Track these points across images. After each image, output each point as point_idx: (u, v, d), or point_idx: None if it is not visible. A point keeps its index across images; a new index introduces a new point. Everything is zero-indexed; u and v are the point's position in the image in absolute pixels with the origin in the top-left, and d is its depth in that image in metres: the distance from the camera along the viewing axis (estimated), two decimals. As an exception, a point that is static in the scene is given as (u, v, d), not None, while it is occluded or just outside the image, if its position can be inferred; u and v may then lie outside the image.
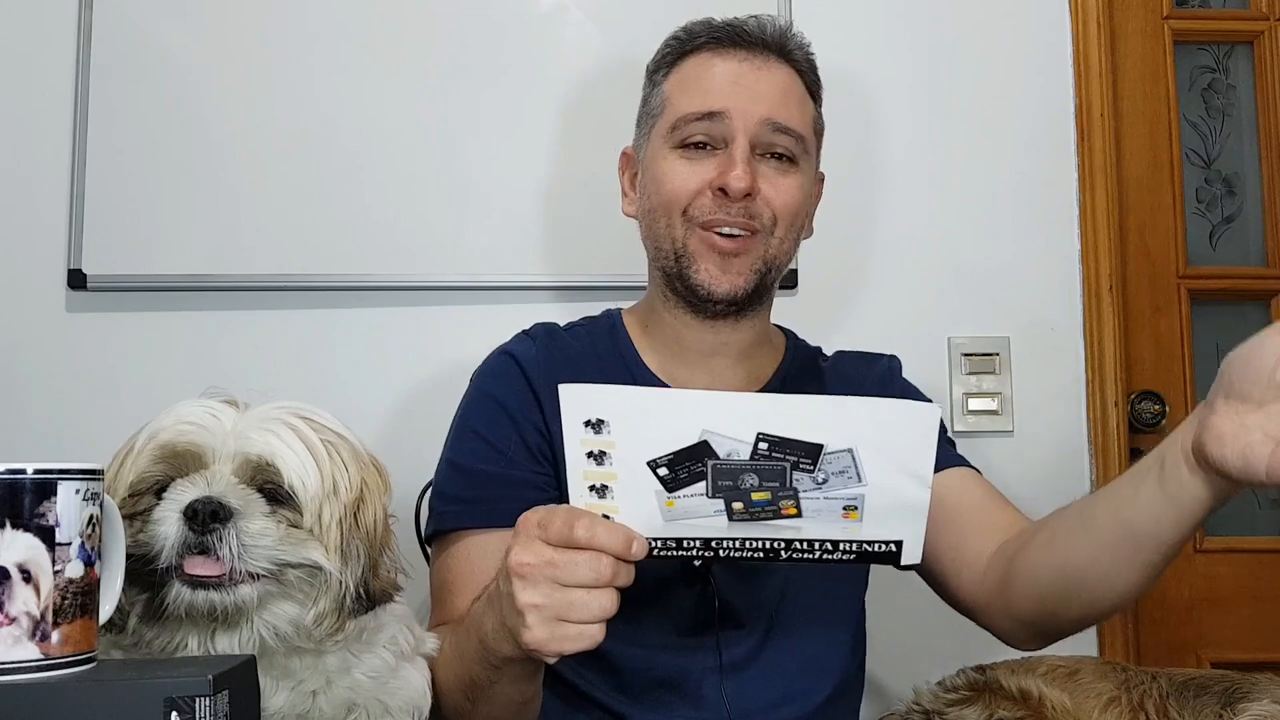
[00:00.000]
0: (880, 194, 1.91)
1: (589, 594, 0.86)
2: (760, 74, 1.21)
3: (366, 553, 0.92)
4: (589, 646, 0.88)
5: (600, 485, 0.87)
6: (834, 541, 0.88)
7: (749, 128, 1.18)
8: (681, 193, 1.20)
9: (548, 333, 1.30)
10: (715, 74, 1.21)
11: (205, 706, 0.72)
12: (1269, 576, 1.93)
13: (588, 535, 0.86)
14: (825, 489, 0.85)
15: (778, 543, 0.88)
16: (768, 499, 0.86)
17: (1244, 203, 2.05)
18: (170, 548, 0.85)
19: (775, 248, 1.22)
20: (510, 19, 1.86)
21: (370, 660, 0.96)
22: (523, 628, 0.88)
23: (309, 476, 0.89)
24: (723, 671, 1.16)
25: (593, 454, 0.86)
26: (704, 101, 1.20)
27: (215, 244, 1.80)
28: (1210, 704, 1.36)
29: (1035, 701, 1.40)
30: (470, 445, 1.22)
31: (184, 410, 0.90)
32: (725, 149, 1.19)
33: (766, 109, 1.19)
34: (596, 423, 0.85)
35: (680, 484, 0.86)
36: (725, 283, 1.20)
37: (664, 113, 1.24)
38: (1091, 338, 1.90)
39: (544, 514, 0.88)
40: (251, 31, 1.83)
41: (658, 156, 1.23)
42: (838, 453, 0.84)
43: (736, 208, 1.18)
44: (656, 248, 1.24)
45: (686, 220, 1.20)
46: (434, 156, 1.83)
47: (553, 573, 0.86)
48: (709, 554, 0.89)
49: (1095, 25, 1.94)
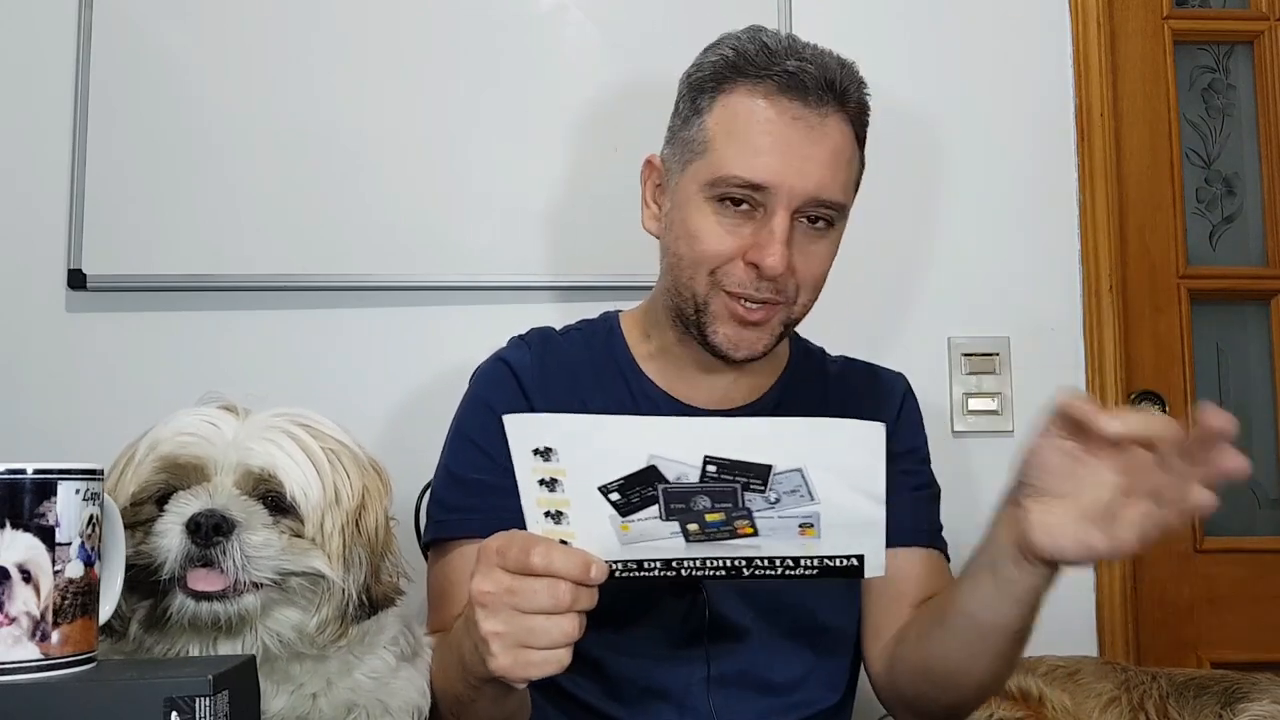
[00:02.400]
0: (880, 194, 1.91)
1: (549, 620, 0.86)
2: (812, 137, 1.13)
3: (368, 559, 0.92)
4: (555, 671, 0.88)
5: (555, 511, 0.87)
6: (794, 558, 0.88)
7: (793, 203, 1.12)
8: (712, 255, 1.15)
9: (543, 339, 1.29)
10: (766, 131, 1.12)
11: (205, 706, 0.72)
12: (1269, 576, 1.93)
13: (544, 562, 0.85)
14: (779, 508, 0.85)
15: (738, 561, 0.88)
16: (722, 519, 0.85)
17: (1244, 203, 2.05)
18: (173, 560, 0.85)
19: (798, 312, 1.20)
20: (510, 19, 1.86)
21: (371, 661, 0.96)
22: (488, 655, 0.88)
23: (311, 487, 0.89)
24: (711, 683, 1.16)
25: (544, 481, 0.86)
26: (749, 167, 1.12)
27: (215, 244, 1.80)
28: (1210, 704, 1.36)
29: (1035, 701, 1.40)
30: (466, 453, 1.22)
31: (184, 420, 0.90)
32: (763, 215, 1.13)
33: (814, 186, 1.12)
34: (545, 451, 0.85)
35: (633, 508, 0.85)
36: (744, 349, 1.17)
37: (706, 156, 1.15)
38: (1091, 338, 1.90)
39: (502, 541, 0.88)
40: (251, 32, 1.83)
41: (690, 201, 1.17)
42: (787, 472, 0.83)
43: (766, 284, 1.14)
44: (678, 290, 1.20)
45: (712, 281, 1.16)
46: (434, 156, 1.83)
47: (512, 600, 0.86)
48: (670, 574, 0.89)
49: (1095, 25, 1.94)
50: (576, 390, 1.23)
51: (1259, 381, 2.03)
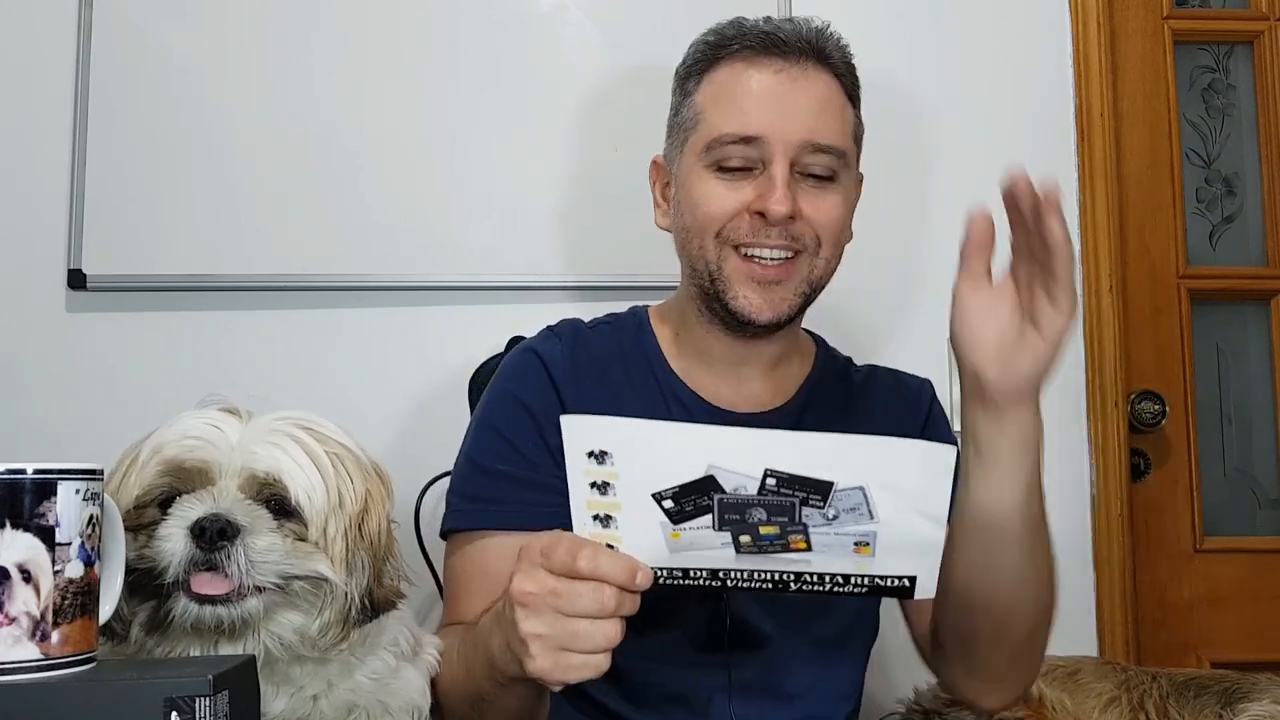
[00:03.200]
0: (880, 194, 1.91)
1: (593, 624, 0.86)
2: (797, 87, 1.15)
3: (370, 562, 0.92)
4: (594, 675, 0.87)
5: (604, 515, 0.86)
6: (845, 575, 0.87)
7: (788, 150, 1.14)
8: (717, 215, 1.16)
9: (573, 331, 1.27)
10: (751, 89, 1.15)
11: (205, 706, 0.72)
12: (1269, 576, 1.93)
13: (591, 565, 0.85)
14: (836, 525, 0.84)
15: (787, 575, 0.87)
16: (776, 533, 0.84)
17: (1244, 203, 2.05)
18: (177, 564, 0.85)
19: (821, 268, 1.19)
20: (510, 19, 1.86)
21: (372, 662, 0.96)
22: (526, 656, 0.87)
23: (315, 491, 0.89)
24: (731, 691, 1.16)
25: (596, 484, 0.85)
26: (740, 123, 1.14)
27: (215, 244, 1.80)
28: (1210, 704, 1.36)
29: (1035, 701, 1.40)
30: (491, 444, 1.20)
31: (187, 424, 0.90)
32: (763, 170, 1.15)
33: (806, 130, 1.14)
34: (600, 454, 0.84)
35: (686, 516, 0.84)
36: (768, 310, 1.16)
37: (698, 128, 1.18)
38: (1091, 338, 1.90)
39: (547, 542, 0.87)
40: (251, 32, 1.83)
41: (691, 175, 1.18)
42: (848, 490, 0.82)
43: (776, 231, 1.14)
44: (692, 268, 1.20)
45: (720, 242, 1.16)
46: (434, 156, 1.83)
47: (555, 602, 0.86)
48: (716, 584, 0.88)
49: (1095, 25, 1.94)
50: (607, 384, 1.22)
51: (1259, 381, 2.03)
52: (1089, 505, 1.87)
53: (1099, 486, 1.86)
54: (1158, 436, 1.94)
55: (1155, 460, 1.94)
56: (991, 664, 1.14)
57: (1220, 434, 2.01)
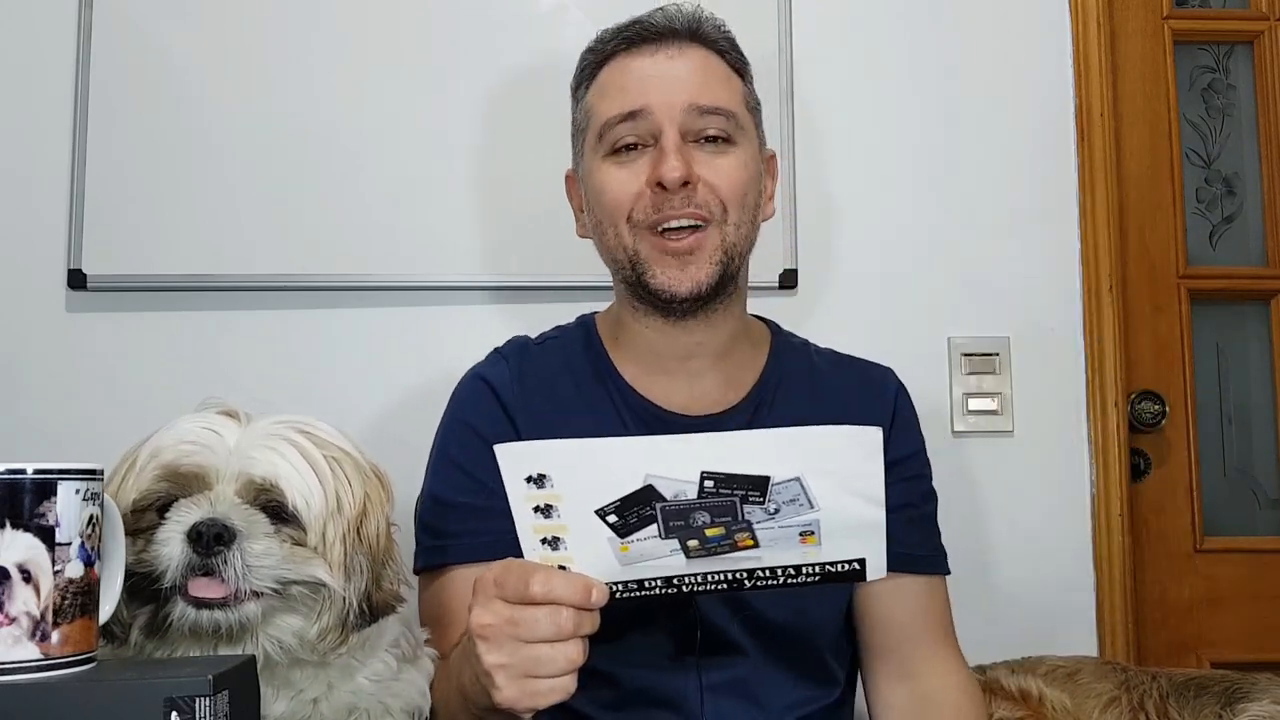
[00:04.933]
0: (880, 194, 1.91)
1: (553, 648, 0.86)
2: (675, 62, 1.17)
3: (369, 566, 0.92)
4: (562, 699, 0.87)
5: (552, 537, 0.86)
6: (795, 566, 0.88)
7: (674, 117, 1.15)
8: (622, 198, 1.17)
9: (520, 350, 1.27)
10: (630, 74, 1.18)
11: (205, 706, 0.72)
12: (1269, 576, 1.93)
13: (544, 590, 0.85)
14: (778, 518, 0.85)
15: (739, 573, 0.88)
16: (722, 534, 0.85)
17: (1244, 203, 2.05)
18: (175, 569, 0.85)
19: (732, 234, 1.17)
20: (510, 19, 1.86)
21: (373, 665, 0.96)
22: (493, 688, 0.87)
23: (313, 496, 0.89)
24: (704, 693, 1.16)
25: (539, 508, 0.85)
26: (624, 102, 1.16)
27: (215, 244, 1.80)
28: (1210, 704, 1.36)
29: (1035, 701, 1.40)
30: (450, 477, 1.20)
31: (185, 428, 0.90)
32: (655, 144, 1.16)
33: (688, 94, 1.15)
34: (538, 478, 0.84)
35: (631, 529, 0.85)
36: (686, 281, 1.16)
37: (590, 124, 1.20)
38: (1091, 338, 1.90)
39: (499, 571, 0.88)
40: (251, 32, 1.83)
41: (593, 169, 1.20)
42: (785, 482, 0.83)
43: (679, 199, 1.14)
44: (613, 260, 1.21)
45: (632, 226, 1.17)
46: (433, 157, 1.83)
47: (514, 630, 0.86)
48: (671, 590, 0.89)
49: (1095, 25, 1.94)
50: (557, 402, 1.21)
51: (1259, 381, 2.03)
52: (1089, 505, 1.87)
53: (1099, 486, 1.86)
54: (1158, 436, 1.94)
55: (1155, 460, 1.94)
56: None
57: (1220, 434, 2.01)
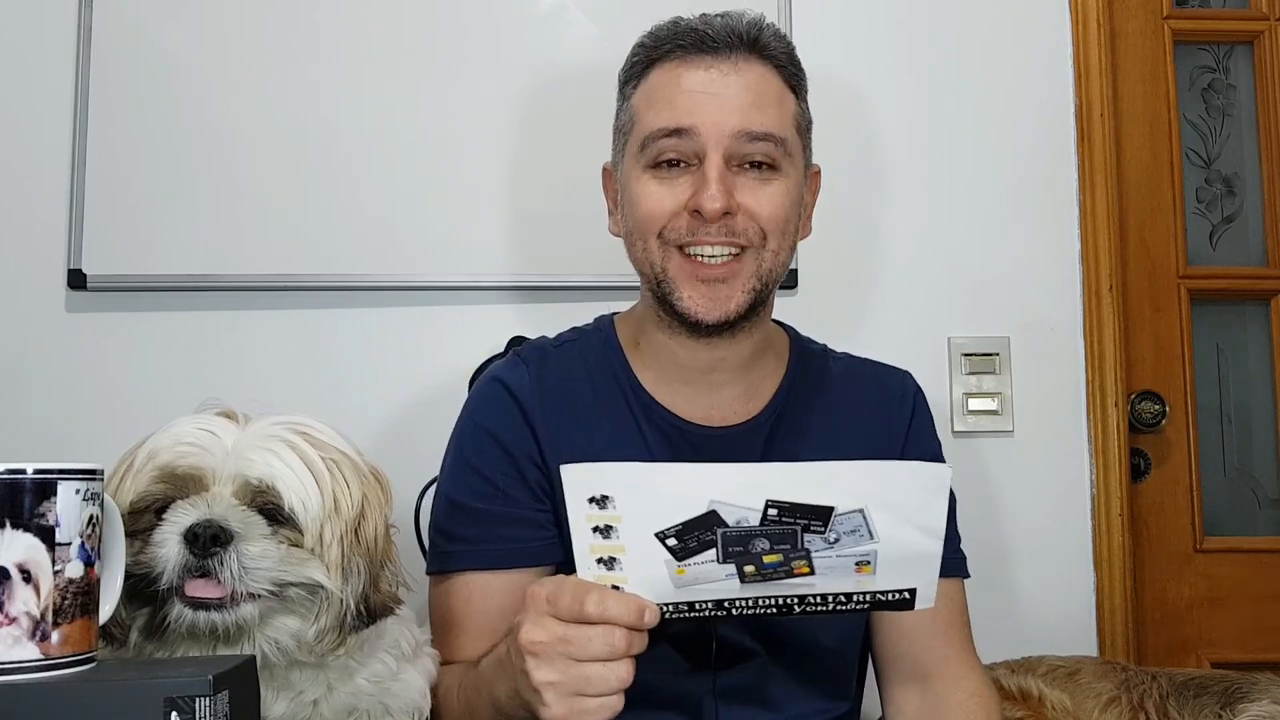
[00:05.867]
0: (881, 194, 1.91)
1: (605, 667, 0.86)
2: (730, 79, 1.13)
3: (367, 568, 0.92)
4: (609, 717, 0.87)
5: (608, 558, 0.87)
6: (847, 594, 0.89)
7: (721, 141, 1.11)
8: (657, 215, 1.13)
9: (540, 354, 1.25)
10: (681, 86, 1.13)
11: (205, 706, 0.72)
12: (1269, 576, 1.93)
13: (599, 609, 0.85)
14: (837, 548, 0.86)
15: (791, 599, 0.89)
16: (779, 560, 0.86)
17: (1244, 203, 2.05)
18: (171, 570, 0.85)
19: (769, 261, 1.15)
20: (510, 19, 1.86)
21: (373, 665, 0.96)
22: (541, 705, 0.87)
23: (310, 498, 0.89)
24: (718, 699, 1.16)
25: (598, 529, 0.86)
26: (671, 116, 1.12)
27: (215, 244, 1.80)
28: (1210, 704, 1.36)
29: (1035, 701, 1.40)
30: (468, 481, 1.19)
31: (182, 429, 0.90)
32: (699, 165, 1.12)
33: (739, 119, 1.11)
34: (601, 499, 0.85)
35: (690, 552, 0.86)
36: (716, 310, 1.13)
37: (633, 129, 1.17)
38: (1091, 338, 1.90)
39: (552, 588, 0.88)
40: (251, 32, 1.83)
41: (631, 177, 1.17)
42: (849, 513, 0.84)
43: (715, 227, 1.11)
44: (640, 271, 1.19)
45: (663, 243, 1.14)
46: (433, 157, 1.83)
47: (566, 649, 0.86)
48: (721, 613, 0.89)
49: (1095, 25, 1.94)
50: (576, 409, 1.20)
51: (1259, 381, 2.03)
52: (1089, 505, 1.87)
53: (1099, 486, 1.86)
54: (1158, 436, 1.94)
55: (1155, 460, 1.94)
56: None
57: (1220, 434, 2.01)
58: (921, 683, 1.21)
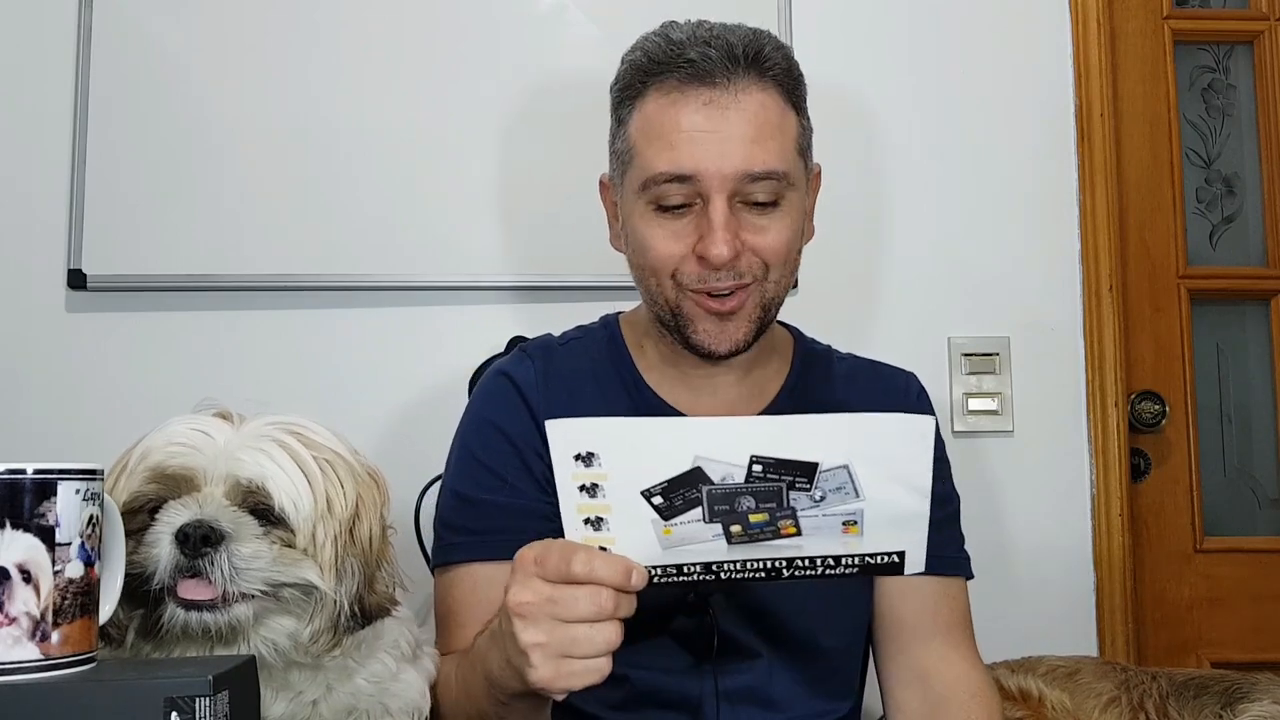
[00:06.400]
0: (881, 194, 1.91)
1: (592, 628, 0.85)
2: (730, 114, 1.10)
3: (362, 569, 0.91)
4: (596, 681, 0.87)
5: (595, 518, 0.86)
6: (835, 557, 0.88)
7: (724, 185, 1.10)
8: (666, 260, 1.14)
9: (545, 351, 1.26)
10: (680, 125, 1.10)
11: (205, 706, 0.72)
12: (1269, 576, 1.93)
13: (586, 570, 0.84)
14: (823, 506, 0.85)
15: (779, 562, 0.88)
16: (766, 520, 0.85)
17: (1244, 203, 2.05)
18: (163, 570, 0.85)
19: (771, 290, 1.16)
20: (510, 19, 1.86)
21: (372, 666, 0.96)
22: (527, 667, 0.87)
23: (301, 498, 0.88)
24: (720, 700, 1.16)
25: (584, 487, 0.85)
26: (672, 160, 1.10)
27: (215, 244, 1.80)
28: (1210, 704, 1.36)
29: (1035, 701, 1.40)
30: (473, 474, 1.19)
31: (175, 430, 0.90)
32: (702, 206, 1.11)
33: (740, 159, 1.09)
34: (586, 456, 0.84)
35: (676, 511, 0.85)
36: (725, 341, 1.15)
37: (634, 164, 1.15)
38: (1091, 338, 1.90)
39: (540, 550, 0.87)
40: (251, 32, 1.83)
41: (634, 213, 1.16)
42: (833, 470, 0.84)
43: (724, 273, 1.12)
44: (652, 301, 1.19)
45: (677, 284, 1.15)
46: (433, 157, 1.83)
47: (553, 609, 0.85)
48: (709, 577, 0.88)
49: (1095, 25, 1.94)
50: (581, 405, 1.20)
51: (1259, 381, 2.03)
52: (1089, 505, 1.87)
53: (1099, 486, 1.87)
54: (1158, 436, 1.94)
55: (1155, 460, 1.94)
56: None
57: (1220, 434, 2.01)
58: (923, 682, 1.21)
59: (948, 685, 1.20)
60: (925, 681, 1.21)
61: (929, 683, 1.21)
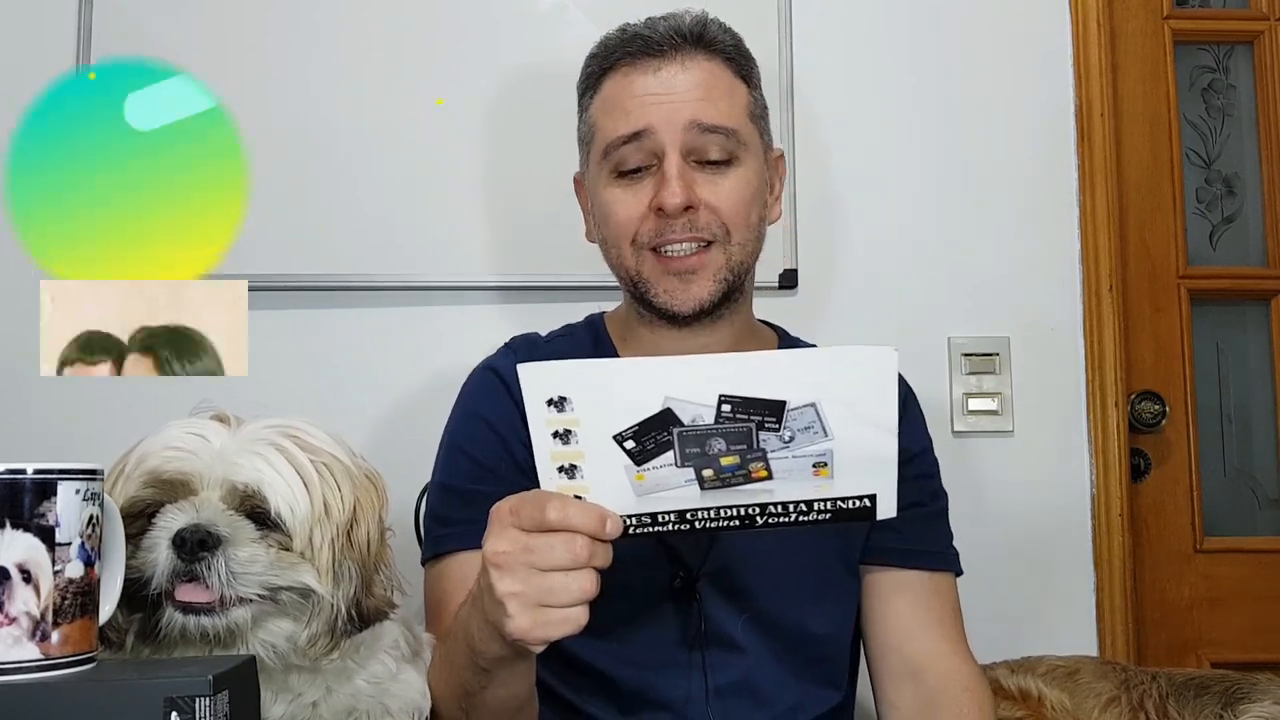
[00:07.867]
0: (880, 194, 1.91)
1: (567, 576, 0.86)
2: (678, 78, 1.17)
3: (359, 572, 0.91)
4: (573, 631, 0.87)
5: (569, 465, 0.86)
6: (808, 501, 0.88)
7: (675, 138, 1.16)
8: (626, 222, 1.19)
9: (529, 345, 1.29)
10: (633, 91, 1.18)
11: (205, 706, 0.72)
12: (1269, 576, 1.93)
13: (560, 517, 0.85)
14: (793, 447, 0.85)
15: (752, 508, 0.88)
16: (736, 463, 0.85)
17: (1244, 203, 2.05)
18: (160, 574, 0.85)
19: (736, 254, 1.20)
20: (509, 19, 1.86)
21: (372, 666, 0.96)
22: (505, 617, 0.87)
23: (297, 502, 0.88)
24: (709, 693, 1.16)
25: (558, 433, 0.85)
26: (626, 122, 1.17)
27: (215, 244, 1.80)
28: (1210, 704, 1.36)
29: (1035, 701, 1.40)
30: (460, 465, 1.21)
31: (171, 434, 0.90)
32: (659, 165, 1.17)
33: (690, 112, 1.16)
34: (559, 400, 0.84)
35: (648, 455, 0.85)
36: (689, 301, 1.18)
37: (595, 139, 1.22)
38: (1091, 338, 1.90)
39: (515, 501, 0.88)
40: (251, 32, 1.83)
41: (598, 186, 1.23)
42: (801, 408, 0.84)
43: (680, 224, 1.16)
44: (617, 275, 1.24)
45: (636, 247, 1.19)
46: (433, 157, 1.83)
47: (529, 558, 0.86)
48: (684, 526, 0.89)
49: (1095, 25, 1.94)
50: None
51: (1259, 381, 2.03)
52: (1089, 505, 1.87)
53: (1099, 486, 1.86)
54: (1158, 436, 1.94)
55: (1155, 460, 1.94)
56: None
57: (1220, 434, 2.01)
58: (915, 678, 1.22)
59: (940, 680, 1.20)
60: (918, 677, 1.21)
61: (921, 678, 1.21)
